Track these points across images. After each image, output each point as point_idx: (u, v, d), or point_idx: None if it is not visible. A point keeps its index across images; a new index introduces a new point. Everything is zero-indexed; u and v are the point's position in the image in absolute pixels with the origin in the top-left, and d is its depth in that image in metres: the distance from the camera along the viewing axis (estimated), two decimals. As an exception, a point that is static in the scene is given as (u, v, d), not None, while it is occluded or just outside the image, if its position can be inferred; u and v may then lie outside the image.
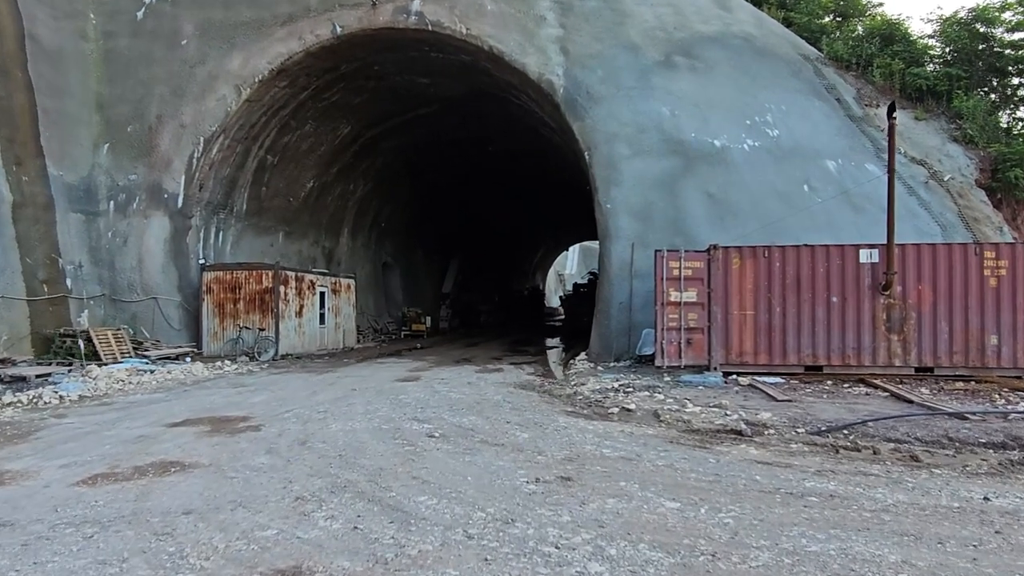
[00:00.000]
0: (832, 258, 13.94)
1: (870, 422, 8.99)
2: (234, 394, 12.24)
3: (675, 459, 7.19)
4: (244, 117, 21.23)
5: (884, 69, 22.31)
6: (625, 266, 17.74)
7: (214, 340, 19.95)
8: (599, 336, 17.98)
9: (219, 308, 20.03)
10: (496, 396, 11.75)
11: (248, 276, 20.03)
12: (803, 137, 19.23)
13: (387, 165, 31.36)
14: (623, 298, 17.64)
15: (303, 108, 23.24)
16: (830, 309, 13.88)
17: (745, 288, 14.15)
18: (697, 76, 19.80)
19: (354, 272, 30.89)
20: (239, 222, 23.39)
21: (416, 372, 16.13)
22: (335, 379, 14.65)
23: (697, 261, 14.29)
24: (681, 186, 18.11)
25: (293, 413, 10.09)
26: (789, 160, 18.73)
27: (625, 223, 17.95)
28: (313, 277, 22.27)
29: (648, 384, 12.78)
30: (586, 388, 12.57)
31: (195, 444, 7.89)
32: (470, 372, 16.17)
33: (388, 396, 11.81)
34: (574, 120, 18.97)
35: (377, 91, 24.73)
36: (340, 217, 30.48)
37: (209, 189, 21.50)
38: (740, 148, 18.69)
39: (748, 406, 10.45)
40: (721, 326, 14.14)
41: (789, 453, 7.57)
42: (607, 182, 18.31)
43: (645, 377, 13.92)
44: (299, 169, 25.85)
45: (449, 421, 9.37)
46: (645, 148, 18.39)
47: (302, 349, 21.22)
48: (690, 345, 14.16)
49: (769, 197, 18.06)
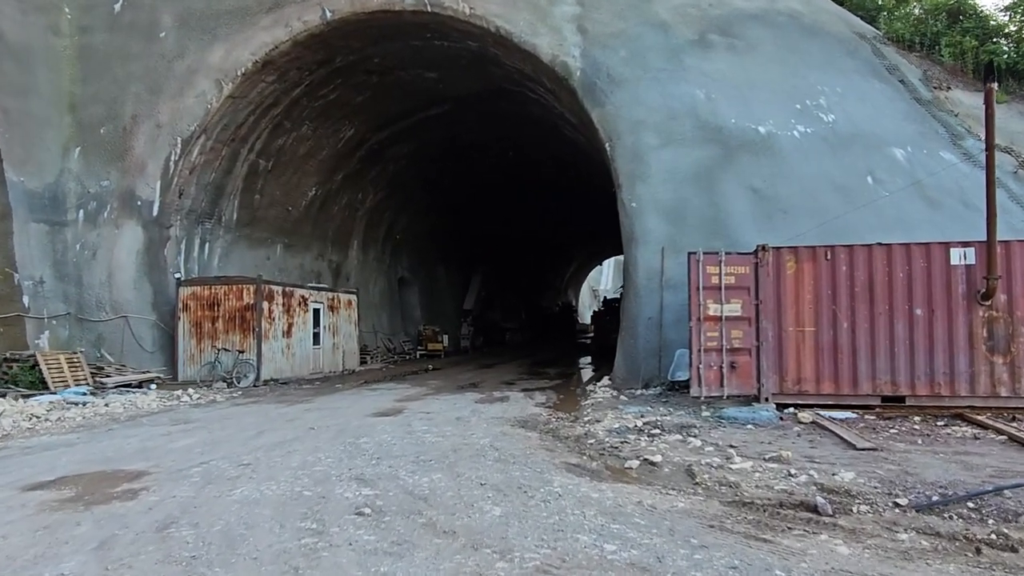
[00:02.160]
0: (915, 260, 11.06)
1: (1006, 490, 6.16)
2: (161, 436, 9.86)
3: (720, 567, 4.50)
4: (228, 116, 19.17)
5: (953, 48, 19.57)
6: (654, 275, 15.04)
7: (191, 363, 17.74)
8: (624, 358, 15.26)
9: (196, 328, 17.82)
10: (483, 439, 9.14)
11: (228, 291, 17.79)
12: (864, 122, 16.36)
13: (399, 173, 29.15)
14: (652, 313, 14.92)
15: (297, 107, 21.13)
16: (913, 324, 10.98)
17: (803, 298, 11.33)
18: (737, 56, 17.10)
19: (362, 288, 28.71)
20: (228, 233, 21.30)
21: (404, 402, 13.59)
22: (300, 413, 12.18)
23: (742, 265, 11.53)
24: (720, 180, 15.37)
25: (207, 467, 7.64)
26: (848, 148, 15.87)
27: (654, 224, 15.26)
28: (305, 292, 19.93)
29: (681, 422, 10.04)
30: (601, 427, 9.88)
31: (8, 528, 5.46)
32: (468, 402, 13.58)
33: (347, 439, 9.30)
34: (593, 107, 16.40)
35: (380, 88, 22.53)
36: (348, 228, 28.31)
37: (191, 196, 19.44)
38: (789, 135, 15.90)
39: (818, 457, 7.67)
40: (773, 346, 11.34)
41: (901, 554, 4.79)
42: (632, 177, 15.66)
43: (678, 411, 11.16)
44: (298, 175, 23.74)
45: (402, 483, 6.81)
46: (677, 136, 15.71)
47: (291, 373, 18.86)
48: (734, 370, 11.36)
49: (825, 191, 15.22)
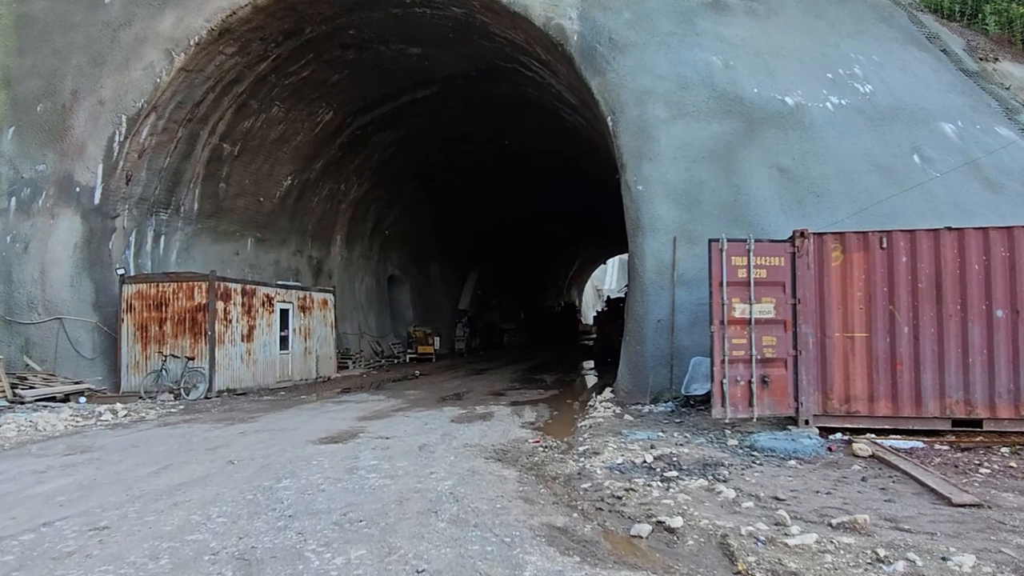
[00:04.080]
0: (994, 248, 8.82)
1: None
2: (30, 474, 7.64)
3: None
4: (182, 92, 17.00)
5: (999, 16, 17.47)
6: (664, 269, 12.82)
7: (135, 372, 15.58)
8: (629, 367, 13.03)
9: (142, 331, 15.65)
10: (444, 482, 6.93)
11: (177, 290, 15.61)
12: (906, 94, 14.14)
13: (387, 163, 26.95)
14: (662, 314, 12.70)
15: (264, 85, 18.95)
16: (992, 329, 8.74)
17: (852, 296, 9.11)
18: (757, 20, 14.90)
19: (347, 287, 26.54)
20: (189, 225, 19.14)
21: (366, 421, 11.37)
22: (233, 437, 9.95)
23: (775, 256, 9.30)
24: (741, 158, 13.14)
25: (40, 535, 5.46)
26: (890, 123, 13.64)
27: (663, 210, 13.04)
28: (270, 291, 17.72)
29: (703, 456, 7.80)
30: (600, 461, 7.66)
31: None
32: (443, 421, 11.37)
33: (264, 481, 7.11)
34: (593, 76, 14.17)
35: (359, 66, 20.35)
36: (331, 222, 26.13)
37: (141, 182, 17.28)
38: (821, 107, 13.66)
39: (905, 521, 5.44)
40: (815, 356, 9.12)
41: None
42: (638, 156, 13.43)
43: (697, 438, 8.93)
44: (270, 163, 21.57)
45: (302, 568, 4.62)
46: (690, 108, 13.48)
47: (252, 382, 16.66)
48: (766, 386, 9.14)
49: (865, 170, 12.98)
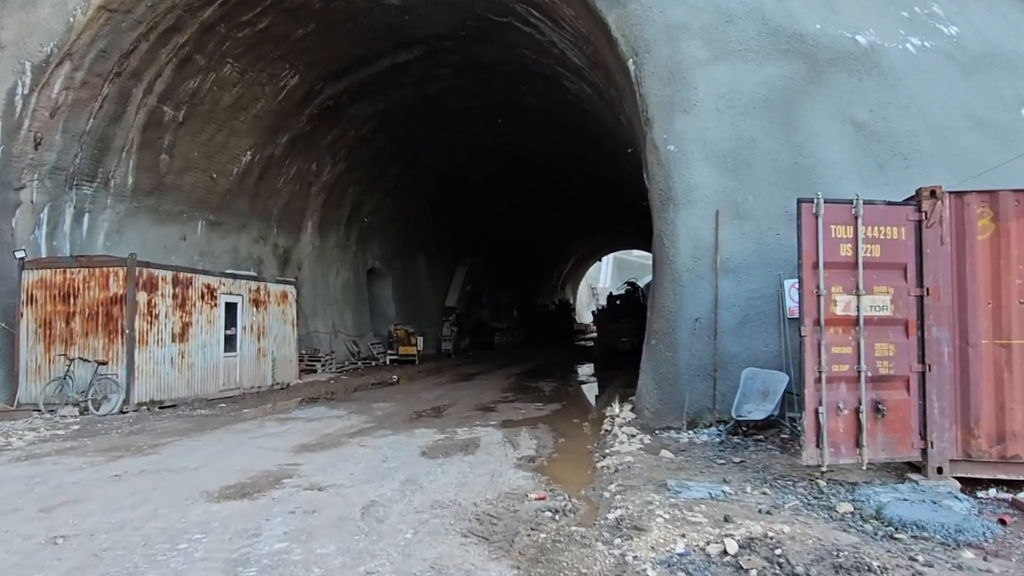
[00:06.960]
0: None
1: None
2: None
3: None
4: (106, 37, 13.91)
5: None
6: (703, 253, 9.87)
7: (35, 379, 12.50)
8: (656, 379, 10.05)
9: (45, 328, 12.58)
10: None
11: (88, 277, 12.54)
12: (999, 38, 11.26)
13: (365, 140, 23.88)
14: (701, 311, 9.74)
15: (212, 36, 15.85)
16: None
17: (1009, 285, 6.17)
18: (811, -53, 11.96)
19: (320, 279, 23.51)
20: (121, 202, 16.04)
21: (302, 456, 8.33)
22: (96, 485, 6.83)
23: (891, 225, 6.34)
24: (804, 110, 10.19)
25: None
26: (985, 71, 10.76)
27: (703, 177, 10.06)
28: (211, 280, 14.60)
29: (819, 540, 4.74)
30: (649, 549, 4.64)
31: None
32: (411, 453, 8.35)
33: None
34: (610, 8, 11.16)
35: (328, 17, 17.25)
36: (300, 206, 23.06)
37: (56, 148, 14.18)
38: (901, 49, 10.73)
39: None
40: (951, 373, 6.18)
41: None
42: (668, 107, 10.45)
43: (785, 496, 5.94)
44: (225, 133, 18.47)
45: None
46: (735, 46, 10.51)
47: (187, 391, 13.56)
48: (881, 418, 6.17)
49: (963, 127, 10.09)
